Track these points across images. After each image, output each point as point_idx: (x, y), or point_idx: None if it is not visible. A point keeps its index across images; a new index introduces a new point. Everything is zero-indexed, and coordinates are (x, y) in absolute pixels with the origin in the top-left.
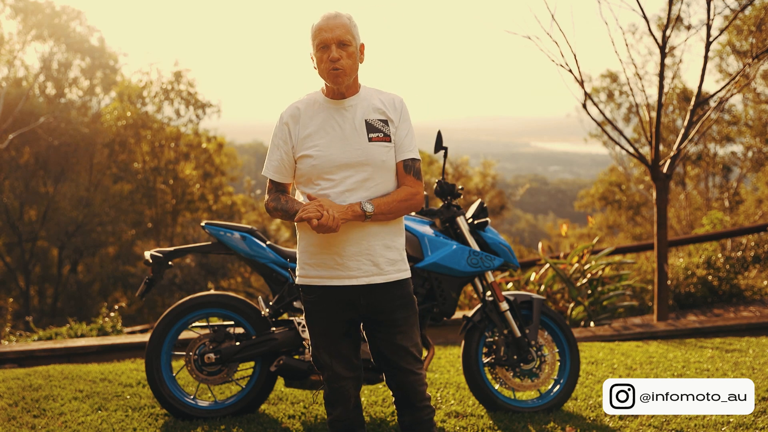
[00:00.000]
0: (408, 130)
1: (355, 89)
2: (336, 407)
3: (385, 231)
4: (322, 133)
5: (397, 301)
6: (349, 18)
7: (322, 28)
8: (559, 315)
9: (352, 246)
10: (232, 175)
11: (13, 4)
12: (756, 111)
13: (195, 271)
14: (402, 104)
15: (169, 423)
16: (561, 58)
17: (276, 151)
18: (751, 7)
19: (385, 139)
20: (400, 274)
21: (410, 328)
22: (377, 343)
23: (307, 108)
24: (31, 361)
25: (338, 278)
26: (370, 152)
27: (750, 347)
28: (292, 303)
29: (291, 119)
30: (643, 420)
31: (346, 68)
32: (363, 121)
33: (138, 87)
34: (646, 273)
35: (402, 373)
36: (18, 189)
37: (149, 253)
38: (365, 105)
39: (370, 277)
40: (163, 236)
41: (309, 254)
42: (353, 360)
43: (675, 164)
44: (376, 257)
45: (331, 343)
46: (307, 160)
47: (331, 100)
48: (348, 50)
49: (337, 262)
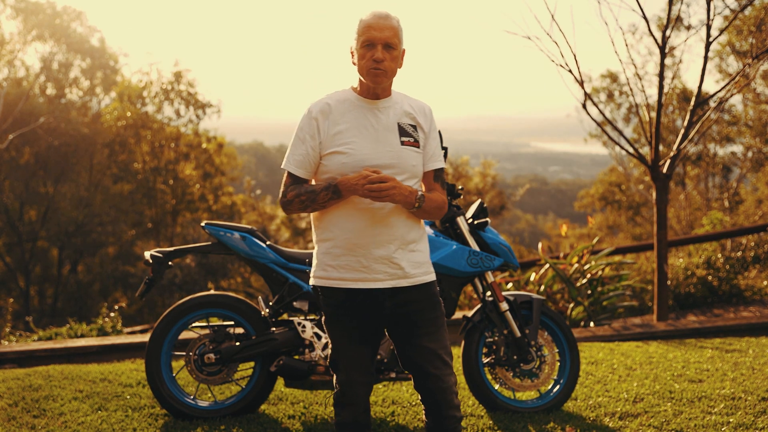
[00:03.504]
0: (437, 138)
1: (389, 92)
2: (345, 410)
3: (411, 234)
4: (354, 131)
5: (424, 302)
6: (398, 21)
7: (372, 26)
8: (559, 315)
9: (377, 249)
10: (232, 175)
11: (13, 5)
12: (756, 111)
13: (195, 271)
14: (431, 112)
15: (169, 423)
16: (561, 58)
17: (301, 145)
18: (751, 8)
19: (415, 144)
20: (425, 277)
21: (438, 330)
22: (404, 347)
23: (338, 105)
24: (31, 361)
25: (363, 281)
26: (402, 155)
27: (750, 347)
28: (292, 303)
29: (321, 114)
30: (643, 420)
31: (387, 70)
32: (395, 124)
33: (138, 87)
34: (646, 273)
35: (430, 379)
36: (18, 189)
37: (149, 254)
38: (397, 108)
39: (395, 280)
40: (163, 236)
41: (332, 256)
42: (369, 366)
43: (675, 164)
44: (401, 260)
45: (350, 347)
46: (338, 157)
47: (365, 99)
48: (392, 53)
49: (363, 264)
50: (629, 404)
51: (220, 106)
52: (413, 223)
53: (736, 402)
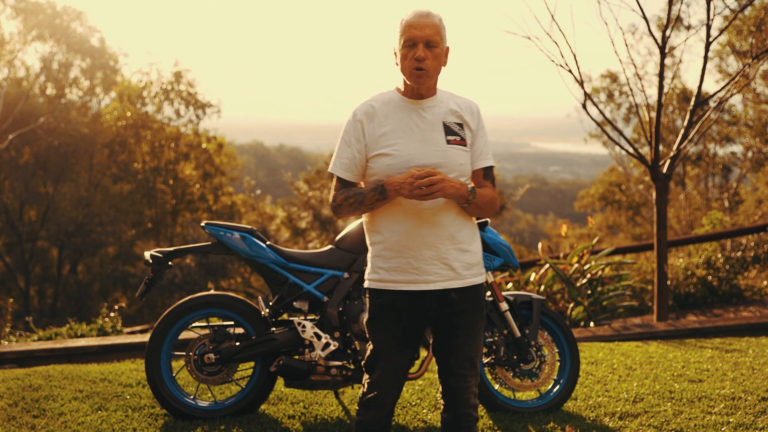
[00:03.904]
0: (485, 136)
1: (434, 91)
2: (369, 411)
3: (462, 234)
4: (399, 132)
5: (469, 305)
6: (440, 19)
7: (412, 25)
8: (559, 315)
9: (428, 250)
10: (232, 175)
11: (13, 5)
12: (756, 111)
13: (195, 271)
14: (478, 110)
15: (169, 423)
16: (561, 58)
17: (347, 149)
18: (751, 8)
19: (462, 143)
20: (476, 279)
21: (476, 334)
22: (439, 342)
23: (383, 106)
24: (31, 361)
25: (414, 283)
26: (449, 155)
27: (750, 347)
28: (292, 303)
29: (365, 117)
30: (643, 420)
31: (429, 69)
32: (441, 123)
33: (138, 87)
34: (646, 273)
35: (454, 378)
36: (18, 189)
37: (149, 254)
38: (443, 107)
39: (446, 281)
40: (163, 236)
41: (383, 258)
42: (405, 371)
43: (675, 164)
44: (452, 261)
45: (391, 350)
46: (383, 159)
47: (409, 99)
48: (434, 51)
49: (413, 266)
50: (629, 404)
51: (220, 106)
52: (464, 221)
53: (736, 402)
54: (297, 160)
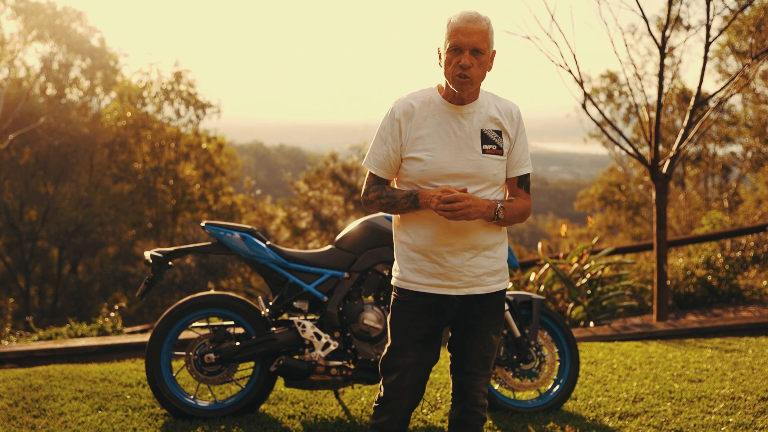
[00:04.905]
0: (524, 143)
1: (476, 96)
2: (384, 414)
3: (488, 242)
4: (435, 137)
5: (488, 309)
6: (489, 23)
7: (460, 31)
8: (559, 315)
9: (452, 257)
10: (232, 175)
11: (14, 5)
12: (755, 111)
13: (195, 271)
14: (519, 115)
15: (169, 423)
16: (561, 58)
17: (383, 146)
18: (751, 8)
19: (498, 152)
20: (499, 285)
21: (492, 335)
22: (455, 340)
23: (422, 107)
24: (31, 361)
25: (437, 287)
26: (483, 165)
27: (749, 347)
28: (292, 303)
29: (404, 116)
30: (642, 420)
31: (474, 77)
32: (479, 131)
33: (138, 87)
34: (646, 273)
35: (465, 376)
36: (18, 189)
37: (149, 254)
38: (483, 113)
39: (470, 288)
40: (163, 236)
41: (409, 259)
42: (423, 374)
43: (674, 164)
44: (476, 269)
45: (409, 348)
46: (416, 163)
47: (449, 103)
48: (480, 59)
49: (438, 271)
50: (629, 404)
51: (220, 106)
52: (490, 229)
53: (736, 402)
54: (297, 160)
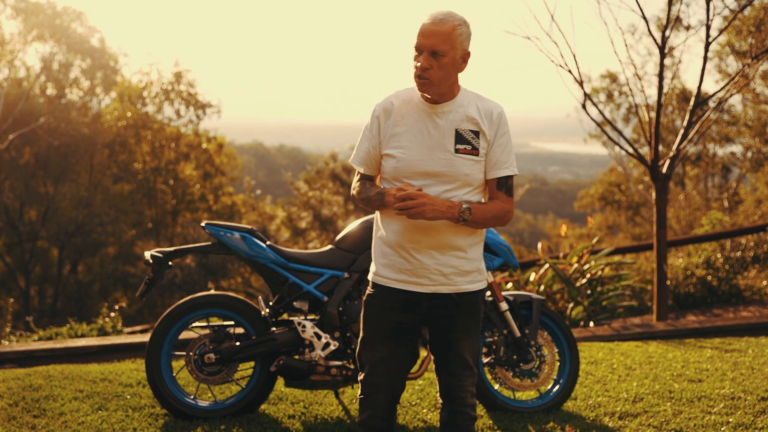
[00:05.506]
0: (505, 145)
1: (452, 95)
2: (365, 410)
3: (460, 241)
4: (410, 135)
5: (461, 309)
6: (456, 25)
7: (421, 32)
8: (559, 315)
9: (420, 254)
10: (232, 175)
11: (14, 5)
12: (755, 111)
13: (195, 271)
14: (500, 116)
15: (169, 423)
16: (560, 58)
17: (365, 143)
18: (751, 8)
19: (473, 152)
20: (470, 286)
21: (469, 335)
22: (433, 341)
23: (402, 105)
24: (31, 361)
25: (405, 283)
26: (454, 164)
27: (749, 347)
28: (292, 303)
29: (383, 113)
30: (642, 420)
31: (433, 79)
32: (453, 130)
33: (138, 87)
34: (646, 273)
35: (449, 377)
36: (18, 189)
37: (149, 254)
38: (460, 113)
39: (437, 286)
40: (163, 236)
41: (383, 254)
42: (396, 371)
43: (674, 164)
44: (444, 267)
45: (380, 344)
46: (391, 160)
47: (426, 102)
48: (441, 61)
49: (407, 267)
50: (629, 404)
51: (220, 106)
52: (462, 229)
53: (736, 402)
54: (297, 160)
